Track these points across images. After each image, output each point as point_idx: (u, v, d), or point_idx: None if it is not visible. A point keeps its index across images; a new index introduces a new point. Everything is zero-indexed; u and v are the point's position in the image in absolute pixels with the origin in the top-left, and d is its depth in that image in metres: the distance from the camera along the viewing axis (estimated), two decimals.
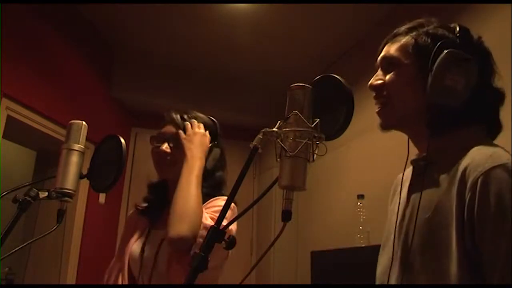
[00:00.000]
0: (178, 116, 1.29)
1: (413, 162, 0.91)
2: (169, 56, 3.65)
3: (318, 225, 3.28)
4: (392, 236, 0.87)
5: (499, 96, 0.86)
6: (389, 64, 0.90)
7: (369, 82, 0.91)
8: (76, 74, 3.01)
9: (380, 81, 0.90)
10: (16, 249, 0.89)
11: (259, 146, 0.69)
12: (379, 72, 0.92)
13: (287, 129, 0.66)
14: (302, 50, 3.39)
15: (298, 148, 0.64)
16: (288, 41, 3.27)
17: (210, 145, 1.26)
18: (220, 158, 1.31)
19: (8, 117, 2.29)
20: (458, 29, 0.85)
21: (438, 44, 0.80)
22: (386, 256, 0.89)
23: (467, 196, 0.71)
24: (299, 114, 0.66)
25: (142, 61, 3.69)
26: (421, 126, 0.85)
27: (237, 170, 0.71)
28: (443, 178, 0.79)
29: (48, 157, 3.15)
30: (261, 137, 0.69)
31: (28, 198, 0.90)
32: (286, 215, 0.64)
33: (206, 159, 1.23)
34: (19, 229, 2.56)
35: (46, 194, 0.93)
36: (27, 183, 1.00)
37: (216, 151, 1.28)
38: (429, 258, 0.76)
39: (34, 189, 0.92)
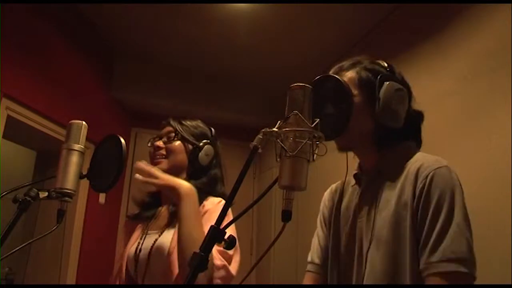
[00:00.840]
0: (176, 121, 1.36)
1: (360, 174, 1.07)
2: (169, 56, 3.65)
3: None
4: (346, 237, 1.01)
5: (421, 116, 1.06)
6: None
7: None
8: (76, 74, 3.00)
9: None
10: (16, 249, 0.89)
11: (259, 146, 0.68)
12: None
13: (287, 129, 0.66)
14: (302, 50, 3.39)
15: (298, 148, 0.64)
16: (288, 41, 3.27)
17: (201, 143, 1.31)
18: (215, 157, 1.36)
19: (8, 117, 2.29)
20: (386, 64, 1.03)
21: (378, 77, 0.97)
22: (345, 255, 1.01)
23: (418, 188, 0.88)
24: (299, 114, 0.66)
25: (142, 61, 3.69)
26: (369, 144, 1.01)
27: (237, 170, 0.71)
28: (395, 181, 0.94)
29: (48, 157, 3.15)
30: (261, 137, 0.68)
31: (28, 198, 0.90)
32: (286, 215, 0.64)
33: (196, 159, 1.28)
34: (19, 229, 2.56)
35: (46, 194, 0.93)
36: (27, 183, 1.00)
37: (209, 147, 1.32)
38: (390, 249, 0.88)
39: (34, 189, 0.92)
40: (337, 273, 1.02)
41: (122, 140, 1.03)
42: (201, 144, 1.31)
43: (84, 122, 1.01)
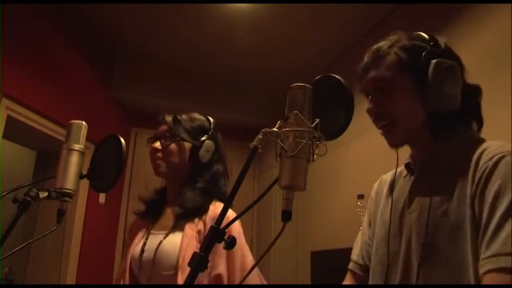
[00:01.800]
0: (170, 117, 1.33)
1: (413, 164, 0.94)
2: (169, 56, 3.65)
3: (318, 225, 3.28)
4: (392, 234, 0.90)
5: (479, 91, 0.90)
6: (382, 86, 0.90)
7: (368, 108, 0.91)
8: (76, 74, 3.01)
9: (381, 106, 0.89)
10: (16, 249, 0.89)
11: (259, 146, 0.68)
12: (373, 96, 0.92)
13: (287, 129, 0.66)
14: (302, 50, 3.39)
15: (298, 148, 0.64)
16: (288, 41, 3.27)
17: (202, 138, 1.29)
18: (216, 151, 1.32)
19: (8, 117, 2.29)
20: (427, 36, 0.89)
21: (422, 56, 0.84)
22: (390, 254, 0.89)
23: (477, 176, 0.76)
24: (299, 114, 0.66)
25: (142, 61, 3.69)
26: (424, 134, 0.89)
27: (237, 170, 0.71)
28: (454, 175, 0.81)
29: (48, 157, 3.15)
30: (261, 137, 0.68)
31: (28, 198, 0.90)
32: (286, 215, 0.64)
33: (198, 153, 1.26)
34: (19, 229, 2.57)
35: (46, 194, 0.93)
36: (27, 183, 0.99)
37: (209, 143, 1.29)
38: (451, 245, 0.77)
39: (34, 189, 0.92)
40: (379, 272, 0.91)
41: (122, 140, 1.03)
42: (200, 141, 1.28)
43: (84, 122, 1.01)
